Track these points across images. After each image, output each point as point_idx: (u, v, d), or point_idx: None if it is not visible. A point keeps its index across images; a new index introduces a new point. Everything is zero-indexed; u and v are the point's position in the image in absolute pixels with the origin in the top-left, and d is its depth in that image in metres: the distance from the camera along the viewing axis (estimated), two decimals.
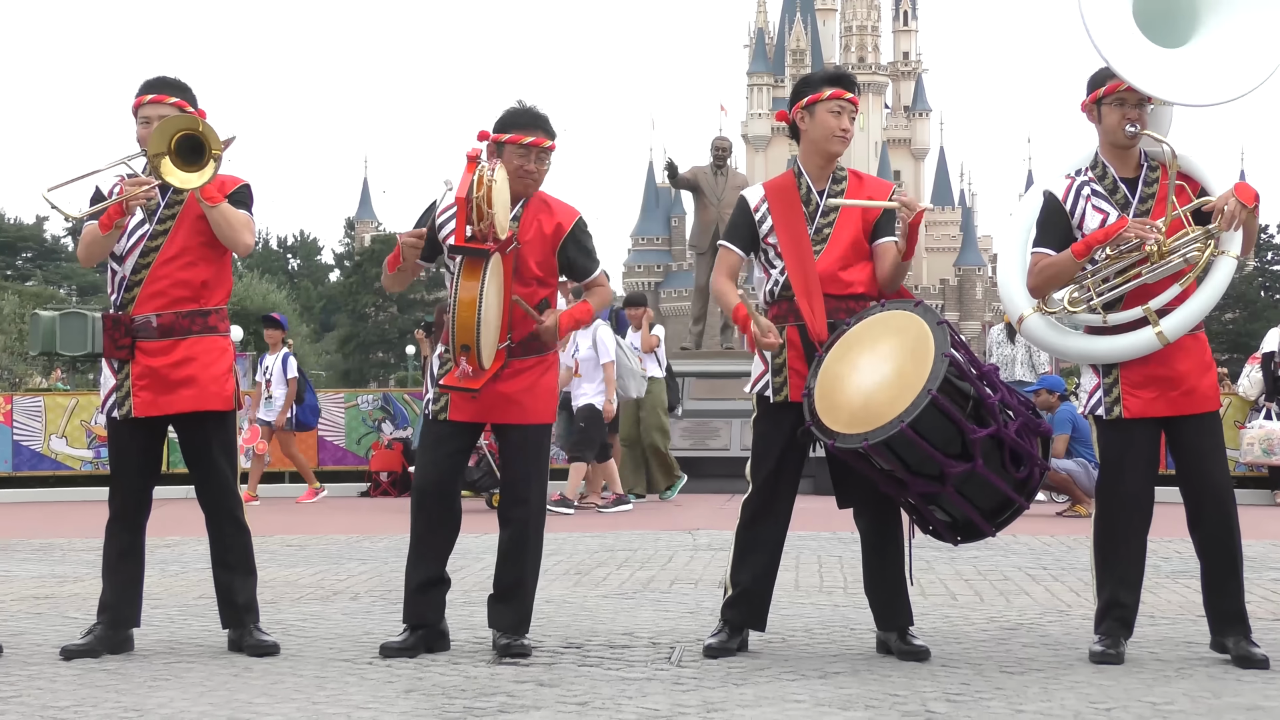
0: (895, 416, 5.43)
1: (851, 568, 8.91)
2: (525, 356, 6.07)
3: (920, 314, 5.69)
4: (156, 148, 5.73)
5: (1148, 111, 5.90)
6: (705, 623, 6.75)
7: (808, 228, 6.04)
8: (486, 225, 5.79)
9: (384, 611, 7.22)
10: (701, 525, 12.53)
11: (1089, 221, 5.90)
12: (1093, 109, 5.96)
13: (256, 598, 6.19)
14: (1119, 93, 5.86)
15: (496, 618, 6.08)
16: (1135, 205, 5.88)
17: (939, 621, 6.96)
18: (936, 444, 5.49)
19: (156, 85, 6.09)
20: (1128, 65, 5.75)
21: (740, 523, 6.09)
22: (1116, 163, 5.96)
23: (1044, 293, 5.97)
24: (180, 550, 10.54)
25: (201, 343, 6.05)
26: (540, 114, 6.08)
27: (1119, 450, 5.87)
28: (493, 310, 5.84)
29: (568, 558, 9.92)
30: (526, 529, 6.07)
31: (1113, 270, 5.86)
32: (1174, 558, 9.71)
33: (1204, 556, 5.88)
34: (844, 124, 6.04)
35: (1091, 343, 5.94)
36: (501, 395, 6.03)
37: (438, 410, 6.08)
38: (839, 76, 6.14)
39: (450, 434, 6.08)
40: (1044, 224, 5.97)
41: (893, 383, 5.56)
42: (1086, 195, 5.94)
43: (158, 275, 6.00)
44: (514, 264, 6.00)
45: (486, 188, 5.75)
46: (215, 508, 6.13)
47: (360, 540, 11.53)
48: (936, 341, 5.55)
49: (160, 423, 6.10)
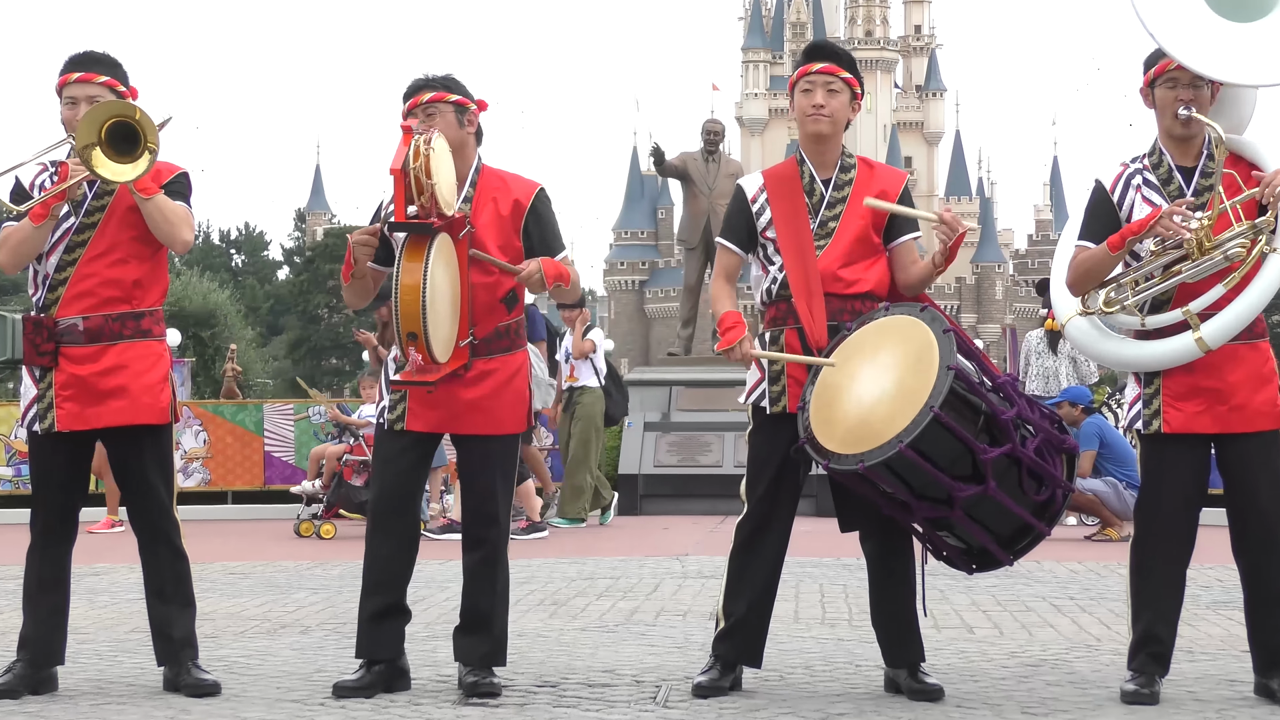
0: (894, 436, 5.43)
1: (857, 597, 8.91)
2: (491, 355, 6.05)
3: (926, 320, 5.69)
4: (86, 138, 5.71)
5: (1205, 93, 5.85)
6: (695, 658, 6.75)
7: (810, 221, 6.05)
8: (428, 199, 5.76)
9: (337, 647, 7.21)
10: (691, 550, 12.53)
11: (1137, 214, 5.88)
12: (1149, 92, 5.95)
13: (195, 632, 6.18)
14: (1170, 72, 5.84)
15: (464, 651, 6.07)
16: (1188, 198, 5.85)
17: (954, 657, 6.97)
18: (942, 465, 5.48)
19: (83, 62, 6.07)
20: (1170, 36, 5.72)
21: (734, 547, 6.09)
22: (1175, 150, 5.93)
23: (1082, 290, 5.97)
24: (110, 579, 10.51)
25: (133, 348, 6.03)
26: (439, 75, 6.13)
27: (1157, 468, 5.87)
28: (441, 293, 5.79)
29: (542, 586, 9.91)
30: (497, 552, 6.07)
31: (1155, 267, 5.84)
32: (1214, 586, 9.73)
33: (1248, 586, 5.88)
34: (815, 100, 6.03)
35: (1129, 348, 5.93)
36: (465, 402, 6.02)
37: (394, 419, 6.07)
38: (808, 49, 6.17)
39: (409, 445, 6.07)
40: (1089, 215, 5.98)
41: (893, 397, 5.56)
42: (1137, 185, 5.93)
43: (84, 274, 5.98)
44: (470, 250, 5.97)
45: (424, 158, 5.73)
46: (150, 532, 6.11)
47: (311, 567, 11.52)
48: (941, 352, 5.53)
49: (87, 437, 6.08)
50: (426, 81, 6.11)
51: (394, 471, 6.07)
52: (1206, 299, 5.79)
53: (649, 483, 17.72)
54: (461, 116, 6.09)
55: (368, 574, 6.07)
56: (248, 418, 18.40)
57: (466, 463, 6.15)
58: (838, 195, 6.06)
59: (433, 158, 5.74)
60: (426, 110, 6.04)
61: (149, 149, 5.73)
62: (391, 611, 6.06)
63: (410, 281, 5.71)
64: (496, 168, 6.18)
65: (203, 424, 18.39)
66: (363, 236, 5.98)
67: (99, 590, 9.84)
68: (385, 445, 6.11)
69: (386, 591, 6.06)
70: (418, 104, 6.05)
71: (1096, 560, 11.76)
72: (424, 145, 5.75)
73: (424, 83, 6.11)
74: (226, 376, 33.27)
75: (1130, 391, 6.00)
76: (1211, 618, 8.30)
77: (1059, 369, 16.04)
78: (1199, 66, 5.74)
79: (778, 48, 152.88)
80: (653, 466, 17.80)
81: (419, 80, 6.13)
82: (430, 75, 6.15)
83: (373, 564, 6.06)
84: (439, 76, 6.14)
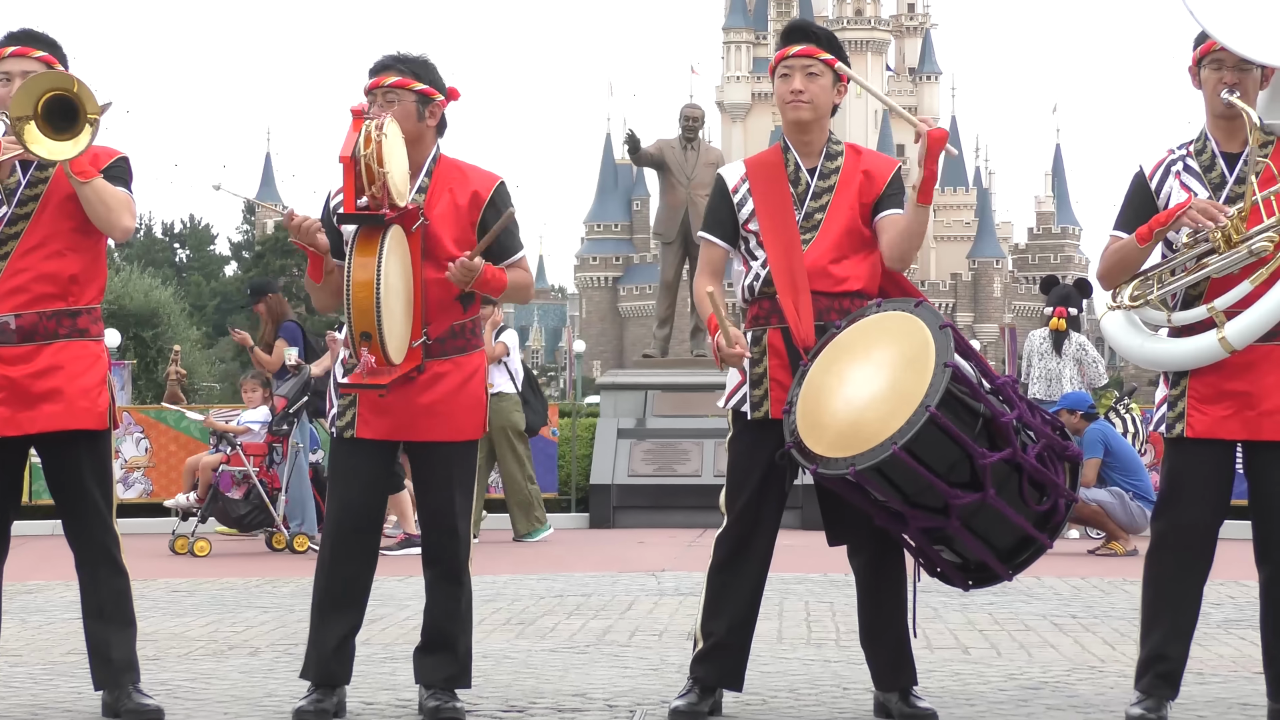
0: (887, 437, 5.44)
1: (845, 616, 8.93)
2: (445, 356, 6.04)
3: (921, 316, 5.70)
4: (20, 110, 5.69)
5: (1253, 76, 5.82)
6: (671, 681, 6.76)
7: (796, 212, 6.06)
8: (379, 189, 5.75)
9: (288, 670, 7.21)
10: (668, 566, 12.54)
11: (1175, 202, 5.88)
12: (1196, 72, 5.93)
13: (136, 653, 6.16)
14: (1215, 52, 5.82)
15: (426, 673, 6.08)
16: (1230, 186, 5.85)
17: (948, 679, 6.99)
18: (939, 470, 5.49)
19: (20, 38, 6.07)
20: (1212, 15, 5.69)
21: (713, 563, 6.10)
22: (1220, 135, 5.92)
23: (1112, 282, 5.98)
24: (45, 597, 10.49)
25: (69, 348, 6.02)
26: (411, 56, 6.08)
27: (1179, 474, 5.87)
28: (395, 290, 5.78)
29: (509, 604, 9.92)
30: (459, 565, 6.07)
31: (1188, 259, 5.84)
32: (1226, 604, 9.76)
33: (1267, 600, 5.89)
34: (793, 85, 6.03)
35: (1154, 345, 5.93)
36: (420, 407, 6.02)
37: (343, 427, 6.07)
38: (786, 30, 6.16)
39: (365, 453, 6.07)
40: (1125, 203, 6.00)
41: (886, 397, 5.57)
42: (1177, 172, 5.93)
43: (17, 268, 5.96)
44: (422, 244, 5.96)
45: (375, 144, 5.72)
46: (87, 547, 6.10)
47: (260, 584, 11.50)
48: (938, 349, 5.55)
49: (20, 444, 6.06)
50: (394, 61, 6.06)
51: (351, 484, 6.07)
52: (1233, 295, 5.78)
53: (623, 493, 17.73)
54: (424, 108, 6.05)
55: (327, 595, 6.05)
56: (192, 424, 18.35)
57: (423, 472, 6.14)
58: (824, 185, 6.07)
59: (384, 144, 5.73)
60: (386, 95, 6.02)
61: (89, 121, 5.70)
62: (349, 636, 6.07)
63: (363, 277, 5.70)
64: (455, 158, 6.17)
65: (144, 431, 18.34)
66: (306, 223, 5.96)
67: (32, 609, 9.81)
68: (340, 456, 6.11)
69: (351, 613, 6.06)
70: (378, 85, 6.02)
71: (1101, 576, 11.79)
72: (375, 131, 5.73)
73: (390, 63, 6.06)
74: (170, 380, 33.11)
75: (1159, 392, 6.01)
76: (1223, 637, 8.33)
77: (1063, 371, 15.99)
78: (1241, 47, 5.72)
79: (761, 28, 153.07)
80: (627, 476, 17.81)
81: (387, 59, 6.08)
82: (401, 54, 6.08)
83: (332, 585, 6.05)
84: (410, 58, 6.08)
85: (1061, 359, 15.97)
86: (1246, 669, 7.12)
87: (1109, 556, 13.94)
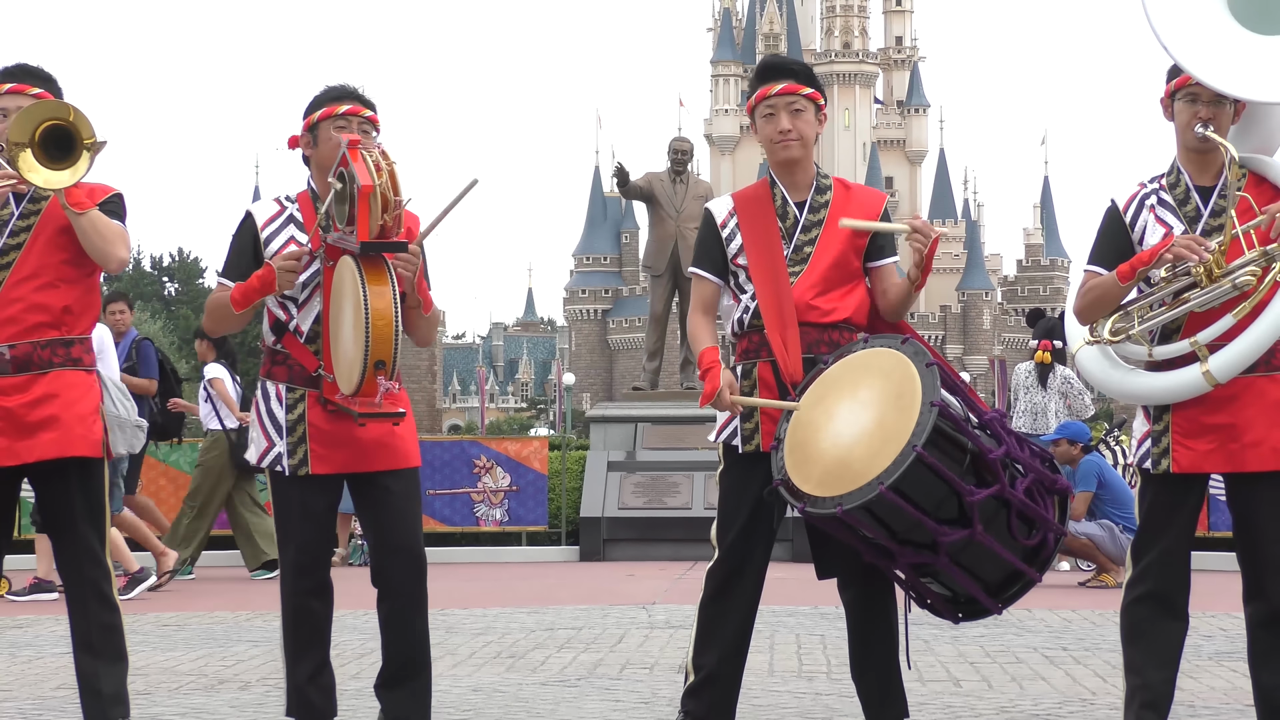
0: (874, 477, 5.44)
1: (836, 648, 8.93)
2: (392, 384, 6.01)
3: (908, 353, 5.70)
4: (18, 136, 5.70)
5: (1227, 110, 5.84)
6: (663, 715, 6.76)
7: (784, 246, 6.07)
8: (393, 217, 5.75)
9: (278, 704, 7.19)
10: (658, 599, 12.54)
11: (1150, 236, 5.89)
12: (1169, 104, 5.95)
13: (126, 687, 6.15)
14: (1189, 86, 5.83)
15: (395, 706, 6.05)
16: (1205, 220, 5.87)
17: (939, 712, 6.99)
18: (926, 508, 5.50)
19: (16, 74, 6.09)
20: (1186, 49, 5.70)
21: (704, 596, 6.10)
22: (1193, 168, 5.94)
23: (1090, 318, 5.97)
24: (35, 631, 10.48)
25: (64, 378, 6.03)
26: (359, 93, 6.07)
27: (1165, 509, 5.88)
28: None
29: (499, 638, 9.91)
30: (419, 593, 6.04)
31: (1165, 294, 5.84)
32: (1218, 635, 9.78)
33: (1255, 632, 5.89)
34: (780, 125, 6.04)
35: (1136, 380, 5.93)
36: (370, 439, 5.97)
37: (295, 465, 6.02)
38: (763, 68, 6.13)
39: (320, 489, 6.01)
40: (1100, 238, 6.00)
41: (872, 435, 5.57)
42: (1151, 205, 5.94)
43: (10, 298, 5.97)
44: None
45: (388, 173, 5.73)
46: (78, 580, 6.09)
47: (251, 618, 11.50)
48: (924, 387, 5.55)
49: (13, 475, 6.06)
50: (356, 94, 6.05)
51: (308, 519, 6.03)
52: (1216, 329, 5.78)
53: (613, 526, 17.73)
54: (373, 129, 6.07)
55: (298, 633, 6.02)
56: (181, 458, 18.34)
57: (377, 504, 6.05)
58: (813, 219, 6.09)
59: (396, 171, 5.75)
60: (362, 127, 6.01)
61: (86, 148, 5.72)
62: (322, 668, 6.06)
63: (381, 306, 5.64)
64: None
65: None
66: (289, 263, 5.88)
67: (22, 643, 9.80)
68: (291, 495, 6.03)
69: (320, 647, 6.06)
70: (356, 113, 5.98)
71: (1091, 608, 11.80)
72: (384, 160, 5.75)
73: (353, 94, 6.04)
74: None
75: (1139, 427, 6.00)
76: (1215, 669, 8.34)
77: (1048, 405, 16.12)
78: (1216, 82, 5.73)
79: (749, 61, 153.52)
80: (617, 509, 17.82)
81: (345, 89, 6.04)
82: (349, 88, 6.05)
83: (303, 623, 6.03)
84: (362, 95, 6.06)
85: (1047, 392, 16.12)
86: (1238, 701, 7.13)
87: (1100, 589, 13.95)
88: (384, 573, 6.05)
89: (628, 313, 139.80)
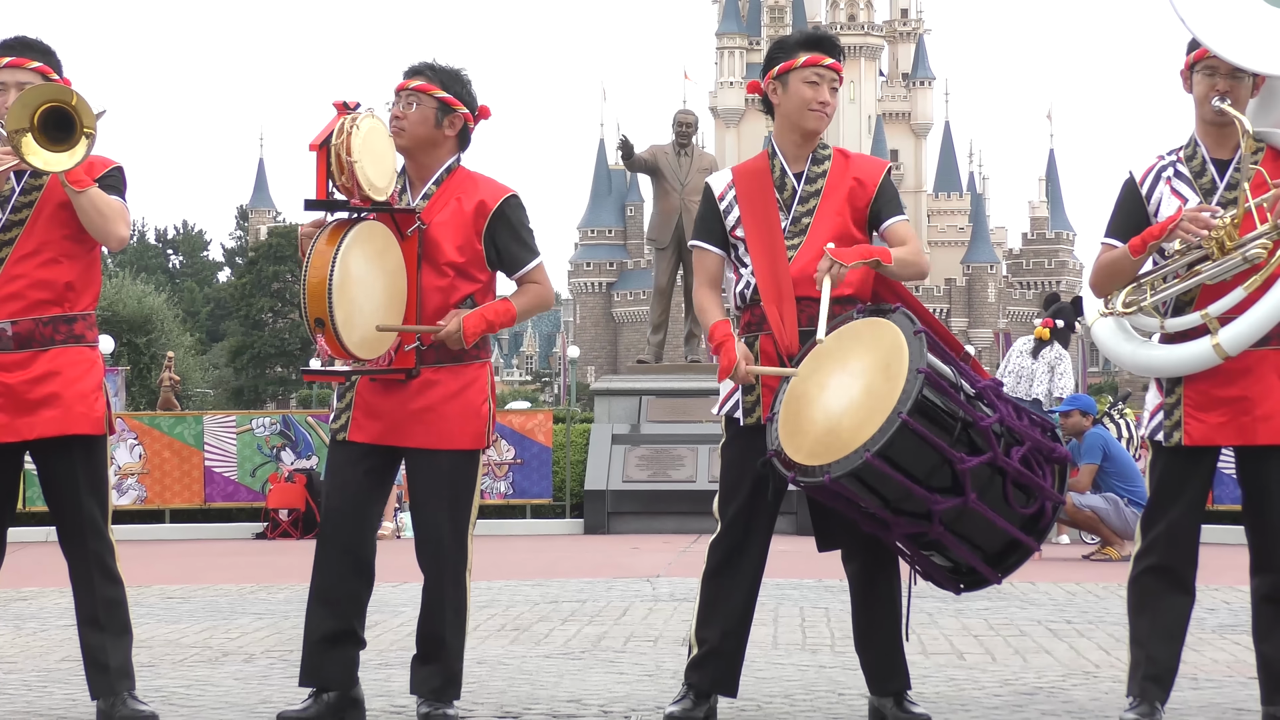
0: (860, 445, 5.44)
1: (839, 621, 8.94)
2: (440, 364, 6.03)
3: (896, 321, 5.70)
4: (18, 122, 5.70)
5: (1245, 84, 5.82)
6: (666, 687, 6.76)
7: (781, 219, 6.06)
8: (348, 178, 5.78)
9: (284, 676, 7.22)
10: (662, 571, 12.55)
11: (1165, 209, 5.89)
12: (1188, 76, 5.93)
13: (131, 660, 6.16)
14: (1208, 59, 5.82)
15: (418, 682, 6.08)
16: (1220, 193, 5.86)
17: (943, 685, 7.00)
18: (918, 476, 5.49)
19: (14, 47, 6.08)
20: (1204, 22, 5.69)
21: (707, 569, 6.11)
22: (1210, 141, 5.93)
23: (1104, 290, 5.97)
24: (39, 604, 10.49)
25: (66, 354, 6.03)
26: (445, 67, 6.15)
27: (1176, 482, 5.87)
28: (360, 281, 5.78)
29: (503, 611, 9.93)
30: (442, 578, 6.06)
31: (1179, 266, 5.84)
32: (1221, 609, 9.78)
33: (1260, 605, 5.89)
34: (822, 95, 6.05)
35: (1147, 351, 5.93)
36: (409, 412, 6.02)
37: (338, 429, 6.10)
38: (818, 39, 6.14)
39: (357, 458, 6.07)
40: (1116, 210, 6.00)
41: (860, 404, 5.57)
42: (1167, 178, 5.94)
43: (12, 274, 5.98)
44: (419, 249, 5.98)
45: (346, 135, 5.77)
46: (81, 554, 6.10)
47: (255, 591, 11.51)
48: (911, 355, 5.54)
49: (15, 450, 6.07)
50: (425, 68, 6.13)
51: (340, 486, 6.08)
52: (1227, 302, 5.78)
53: (617, 499, 17.76)
54: (443, 115, 6.07)
55: (314, 591, 6.07)
56: (186, 431, 18.38)
57: (412, 480, 6.14)
58: (810, 189, 6.06)
59: (355, 135, 5.77)
60: (408, 98, 6.07)
61: (85, 133, 5.72)
62: (341, 638, 6.05)
63: (319, 263, 5.74)
64: (474, 171, 6.18)
65: (138, 437, 18.36)
66: (310, 229, 5.99)
67: (26, 616, 9.82)
68: (334, 456, 6.13)
69: (334, 614, 6.05)
70: (404, 88, 6.09)
71: (1095, 581, 11.81)
72: (349, 123, 5.80)
73: (421, 68, 6.13)
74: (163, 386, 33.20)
75: (1151, 400, 6.00)
76: (1218, 642, 8.35)
77: (1035, 371, 16.57)
78: (1233, 55, 5.72)
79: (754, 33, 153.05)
80: (621, 482, 17.84)
81: (420, 64, 6.15)
82: (435, 63, 6.14)
83: (320, 581, 6.07)
84: (441, 67, 6.14)
85: (1037, 361, 16.48)
86: (1241, 674, 7.13)
87: (1104, 562, 13.96)
88: (418, 551, 6.15)
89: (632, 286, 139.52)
